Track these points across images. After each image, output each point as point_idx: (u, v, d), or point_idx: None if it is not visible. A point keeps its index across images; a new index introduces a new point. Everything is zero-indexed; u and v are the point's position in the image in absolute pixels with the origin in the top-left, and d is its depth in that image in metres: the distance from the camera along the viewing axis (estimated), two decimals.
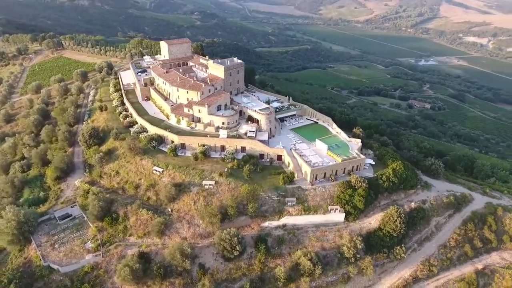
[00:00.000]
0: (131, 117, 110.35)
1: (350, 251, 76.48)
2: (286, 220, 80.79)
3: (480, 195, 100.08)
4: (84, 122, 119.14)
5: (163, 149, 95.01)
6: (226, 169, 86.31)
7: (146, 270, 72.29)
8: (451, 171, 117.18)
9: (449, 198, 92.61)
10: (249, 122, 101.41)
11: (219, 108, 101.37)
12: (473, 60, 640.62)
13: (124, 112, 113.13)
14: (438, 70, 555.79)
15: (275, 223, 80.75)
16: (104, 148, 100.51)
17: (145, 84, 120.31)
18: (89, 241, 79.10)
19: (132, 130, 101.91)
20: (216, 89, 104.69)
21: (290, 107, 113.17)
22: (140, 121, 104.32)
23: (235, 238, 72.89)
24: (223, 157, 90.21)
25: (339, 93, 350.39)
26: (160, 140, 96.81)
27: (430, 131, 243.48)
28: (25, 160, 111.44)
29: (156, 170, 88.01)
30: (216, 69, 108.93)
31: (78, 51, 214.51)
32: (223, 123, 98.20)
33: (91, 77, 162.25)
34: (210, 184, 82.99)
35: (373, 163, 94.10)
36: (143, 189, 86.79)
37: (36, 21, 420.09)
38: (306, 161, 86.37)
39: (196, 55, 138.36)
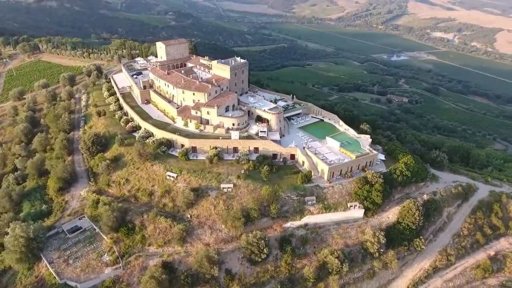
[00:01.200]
0: (133, 121, 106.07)
1: (374, 246, 77.09)
2: (308, 219, 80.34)
3: (483, 184, 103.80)
4: (80, 129, 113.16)
5: (173, 153, 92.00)
6: (243, 171, 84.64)
7: (172, 280, 69.68)
8: (449, 162, 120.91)
9: (457, 189, 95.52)
10: (258, 122, 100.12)
11: (227, 109, 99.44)
12: (442, 55, 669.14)
13: (125, 117, 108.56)
14: (410, 65, 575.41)
15: (296, 223, 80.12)
16: (109, 155, 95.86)
17: (144, 87, 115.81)
18: (106, 254, 75.32)
19: (138, 135, 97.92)
20: (222, 89, 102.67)
21: (295, 105, 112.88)
22: (145, 125, 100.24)
23: (262, 241, 71.75)
24: (238, 158, 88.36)
25: (320, 90, 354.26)
26: (169, 144, 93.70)
27: (412, 124, 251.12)
28: (18, 172, 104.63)
29: (169, 176, 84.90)
30: (220, 70, 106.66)
31: (58, 54, 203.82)
32: (233, 124, 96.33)
33: (79, 81, 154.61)
34: (228, 187, 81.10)
35: (384, 158, 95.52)
36: (157, 196, 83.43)
37: (2, 23, 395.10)
38: (322, 159, 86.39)
39: (194, 55, 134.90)
